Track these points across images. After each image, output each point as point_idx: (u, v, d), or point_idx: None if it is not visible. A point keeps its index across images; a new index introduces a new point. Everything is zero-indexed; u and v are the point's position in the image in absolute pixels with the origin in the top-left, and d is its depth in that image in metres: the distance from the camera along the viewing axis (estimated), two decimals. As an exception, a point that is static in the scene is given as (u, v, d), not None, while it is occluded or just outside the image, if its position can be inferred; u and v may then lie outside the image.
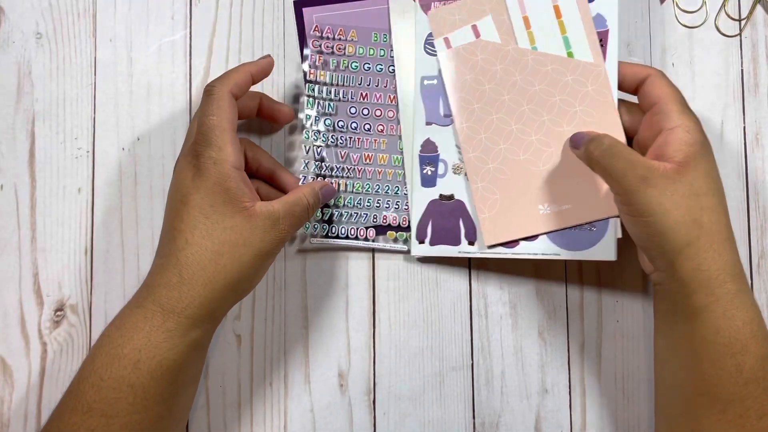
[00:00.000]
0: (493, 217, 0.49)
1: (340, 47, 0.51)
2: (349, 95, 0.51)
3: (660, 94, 0.44)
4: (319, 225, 0.50)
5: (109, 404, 0.39)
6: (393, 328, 0.51)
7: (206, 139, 0.41)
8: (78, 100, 0.51)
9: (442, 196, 0.50)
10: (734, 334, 0.40)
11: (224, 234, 0.40)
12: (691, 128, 0.42)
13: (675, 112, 0.42)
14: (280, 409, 0.50)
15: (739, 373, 0.39)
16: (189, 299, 0.40)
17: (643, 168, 0.40)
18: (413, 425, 0.50)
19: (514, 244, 0.49)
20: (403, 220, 0.50)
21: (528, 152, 0.48)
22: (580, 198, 0.47)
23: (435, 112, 0.50)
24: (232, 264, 0.40)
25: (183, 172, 0.41)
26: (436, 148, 0.50)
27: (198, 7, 0.52)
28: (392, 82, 0.51)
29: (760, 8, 0.53)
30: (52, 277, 0.50)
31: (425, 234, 0.50)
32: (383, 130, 0.51)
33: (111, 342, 0.40)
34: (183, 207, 0.40)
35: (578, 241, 0.48)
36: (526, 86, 0.48)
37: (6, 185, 0.50)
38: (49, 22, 0.51)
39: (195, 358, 0.42)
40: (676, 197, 0.40)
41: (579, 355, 0.51)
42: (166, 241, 0.41)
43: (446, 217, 0.50)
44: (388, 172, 0.51)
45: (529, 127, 0.48)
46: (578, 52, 0.48)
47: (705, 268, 0.40)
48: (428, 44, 0.50)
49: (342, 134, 0.51)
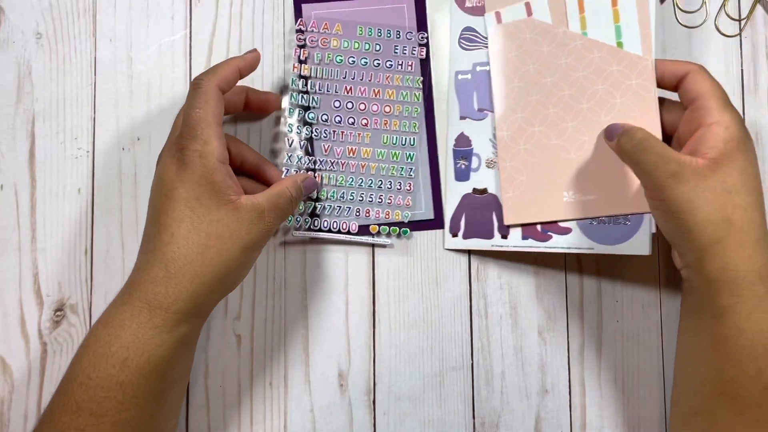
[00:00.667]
0: (516, 198, 0.48)
1: (325, 41, 0.51)
2: (333, 89, 0.51)
3: (700, 89, 0.43)
4: (302, 218, 0.50)
5: (98, 403, 0.38)
6: (393, 328, 0.51)
7: (192, 132, 0.40)
8: (78, 100, 0.51)
9: (476, 190, 0.50)
10: (757, 337, 0.39)
11: (211, 227, 0.40)
12: (730, 125, 0.41)
13: (715, 108, 0.42)
14: (280, 409, 0.50)
15: (759, 377, 0.39)
16: (176, 294, 0.39)
17: (675, 163, 0.40)
18: (413, 425, 0.50)
19: (546, 238, 0.48)
20: (386, 213, 0.50)
21: (561, 138, 0.47)
22: (607, 190, 0.46)
23: (469, 106, 0.50)
24: (219, 257, 0.40)
25: (167, 165, 0.41)
26: (470, 142, 0.50)
27: (198, 7, 0.52)
28: (377, 76, 0.51)
29: (760, 8, 0.53)
30: (52, 277, 0.50)
31: (458, 227, 0.50)
32: (367, 124, 0.51)
33: (98, 340, 0.39)
34: (168, 201, 0.40)
35: (612, 235, 0.47)
36: (569, 71, 0.47)
37: (6, 185, 0.50)
38: (49, 22, 0.51)
39: (183, 354, 0.42)
40: (707, 194, 0.39)
41: (579, 355, 0.51)
42: (151, 236, 0.41)
43: (479, 210, 0.50)
44: (372, 165, 0.51)
45: (567, 113, 0.47)
46: (628, 44, 0.46)
47: (733, 268, 0.39)
48: (463, 39, 0.50)
49: (326, 128, 0.51)
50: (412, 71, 0.51)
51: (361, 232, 0.51)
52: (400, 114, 0.51)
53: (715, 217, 0.39)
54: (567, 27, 0.47)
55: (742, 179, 0.40)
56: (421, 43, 0.51)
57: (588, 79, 0.47)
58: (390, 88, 0.51)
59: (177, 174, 0.40)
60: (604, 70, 0.46)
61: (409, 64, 0.51)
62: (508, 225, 0.49)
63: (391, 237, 0.51)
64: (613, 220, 0.47)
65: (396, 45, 0.51)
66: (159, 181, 0.41)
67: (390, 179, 0.51)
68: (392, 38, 0.51)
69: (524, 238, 0.49)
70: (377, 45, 0.51)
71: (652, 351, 0.51)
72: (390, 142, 0.51)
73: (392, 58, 0.51)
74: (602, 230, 0.47)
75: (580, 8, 0.47)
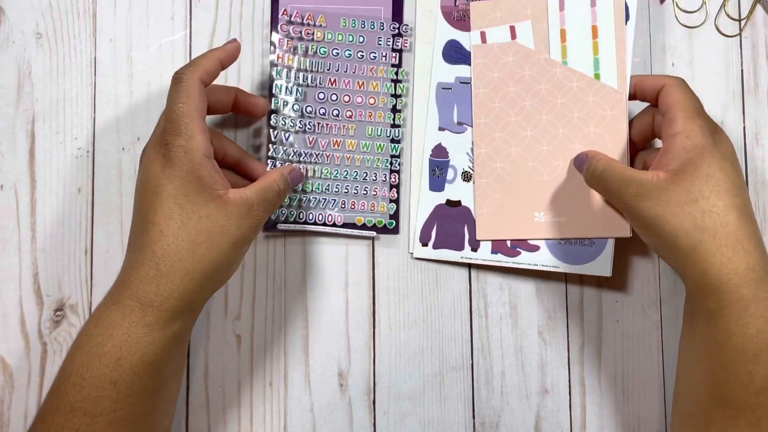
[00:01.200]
0: (490, 214, 0.50)
1: (309, 32, 0.51)
2: (317, 81, 0.51)
3: (670, 101, 0.43)
4: (287, 210, 0.50)
5: (92, 403, 0.38)
6: (393, 328, 0.51)
7: (176, 127, 0.40)
8: (78, 100, 0.51)
9: (450, 201, 0.51)
10: (747, 341, 0.39)
11: (200, 223, 0.39)
12: (692, 133, 0.41)
13: (680, 118, 0.42)
14: (280, 409, 0.50)
15: (751, 381, 0.39)
16: (168, 292, 0.39)
17: (636, 184, 0.41)
18: (413, 425, 0.50)
19: (515, 253, 0.50)
20: (372, 206, 0.51)
21: (537, 160, 0.49)
22: (575, 214, 0.49)
23: (449, 118, 0.51)
24: (209, 253, 0.40)
25: (152, 162, 0.40)
26: (447, 153, 0.51)
27: (198, 7, 0.52)
28: (361, 68, 0.51)
29: (760, 8, 0.53)
30: (52, 277, 0.50)
31: (429, 237, 0.51)
32: (352, 116, 0.51)
33: (90, 340, 0.39)
34: (155, 198, 0.40)
35: (577, 255, 0.49)
36: (549, 97, 0.49)
37: (6, 185, 0.50)
38: (49, 22, 0.51)
39: (176, 351, 0.42)
40: (672, 206, 0.40)
41: (579, 355, 0.51)
42: (139, 234, 0.40)
43: (451, 222, 0.51)
44: (357, 158, 0.51)
45: (543, 137, 0.49)
46: (605, 76, 0.49)
47: (714, 272, 0.39)
48: (447, 51, 0.51)
49: (310, 120, 0.51)
50: (397, 63, 0.51)
51: (346, 224, 0.51)
52: (385, 106, 0.51)
53: (686, 226, 0.40)
54: (549, 54, 0.49)
55: (709, 185, 0.40)
56: (404, 34, 0.51)
57: (565, 107, 0.49)
58: (374, 79, 0.51)
59: (163, 171, 0.40)
60: (581, 100, 0.49)
61: (393, 56, 0.51)
62: (480, 239, 0.50)
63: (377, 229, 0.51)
64: (579, 242, 0.49)
65: (380, 37, 0.51)
66: (144, 179, 0.41)
67: (375, 171, 0.51)
68: (375, 29, 0.51)
69: (494, 252, 0.50)
70: (361, 36, 0.51)
71: (652, 351, 0.51)
72: (375, 134, 0.51)
73: (375, 50, 0.51)
74: (568, 250, 0.49)
75: (562, 38, 0.49)
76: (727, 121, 0.52)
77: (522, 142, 0.50)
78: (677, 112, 0.42)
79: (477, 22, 0.51)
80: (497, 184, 0.50)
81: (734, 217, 0.40)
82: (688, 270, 0.41)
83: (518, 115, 0.50)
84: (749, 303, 0.39)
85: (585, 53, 0.49)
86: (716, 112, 0.52)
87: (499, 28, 0.50)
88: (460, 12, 0.51)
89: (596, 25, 0.49)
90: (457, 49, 0.51)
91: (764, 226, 0.52)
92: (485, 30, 0.50)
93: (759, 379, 0.39)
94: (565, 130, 0.49)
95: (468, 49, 0.51)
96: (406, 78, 0.51)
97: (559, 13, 0.49)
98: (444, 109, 0.51)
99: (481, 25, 0.51)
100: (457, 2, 0.51)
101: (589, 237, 0.49)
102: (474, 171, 0.50)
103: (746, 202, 0.41)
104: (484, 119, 0.50)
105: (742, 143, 0.52)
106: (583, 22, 0.49)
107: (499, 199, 0.50)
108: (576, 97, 0.49)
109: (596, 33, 0.49)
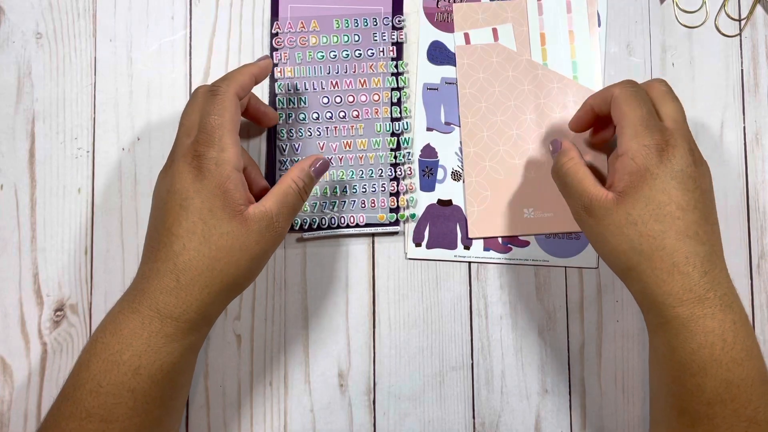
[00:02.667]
0: (481, 212, 0.51)
1: (303, 39, 0.51)
2: (319, 86, 0.51)
3: (617, 117, 0.42)
4: (309, 218, 0.50)
5: (108, 410, 0.39)
6: (393, 328, 0.51)
7: (209, 139, 0.40)
8: (78, 100, 0.51)
9: (441, 201, 0.51)
10: (689, 355, 0.39)
11: (221, 240, 0.40)
12: (636, 154, 0.40)
13: (626, 136, 0.41)
14: (280, 409, 0.50)
15: (701, 392, 0.39)
16: (186, 304, 0.39)
17: (587, 198, 0.41)
18: (413, 425, 0.50)
19: (507, 249, 0.51)
20: (392, 201, 0.51)
21: (523, 158, 0.51)
22: (562, 209, 0.50)
23: (436, 119, 0.52)
24: (228, 268, 0.40)
25: (182, 173, 0.40)
26: (435, 153, 0.52)
27: (198, 7, 0.52)
28: (360, 66, 0.51)
29: (760, 8, 0.53)
30: (52, 277, 0.50)
31: (422, 237, 0.51)
32: (358, 116, 0.51)
33: (107, 348, 0.39)
34: (183, 211, 0.40)
35: (565, 249, 0.51)
36: (531, 97, 0.51)
37: (6, 185, 0.50)
38: (49, 22, 0.51)
39: (191, 360, 0.42)
40: (612, 228, 0.40)
41: (579, 355, 0.51)
42: (161, 245, 0.40)
43: (444, 221, 0.51)
44: (370, 156, 0.51)
45: (528, 135, 0.51)
46: (583, 78, 0.52)
47: (650, 292, 0.40)
48: (431, 53, 0.52)
49: (318, 125, 0.51)
50: (395, 56, 0.51)
51: (369, 224, 0.51)
52: (389, 100, 0.51)
53: (623, 248, 0.40)
54: (530, 56, 0.52)
55: (649, 209, 0.39)
56: (397, 26, 0.51)
57: (547, 106, 0.51)
58: (375, 76, 0.51)
59: (193, 183, 0.40)
60: (562, 100, 0.51)
61: (391, 49, 0.51)
62: (472, 237, 0.51)
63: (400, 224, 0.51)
64: (566, 235, 0.51)
65: (374, 32, 0.51)
66: (173, 190, 0.40)
67: (389, 166, 0.51)
68: (369, 26, 0.51)
69: (486, 250, 0.51)
70: (356, 35, 0.51)
71: (652, 351, 0.51)
72: (383, 130, 0.51)
73: (372, 46, 0.51)
74: (556, 244, 0.51)
75: (542, 41, 0.52)
76: (726, 121, 0.52)
77: (509, 140, 0.51)
78: (623, 128, 0.41)
79: (460, 23, 0.52)
80: (486, 182, 0.51)
81: (671, 240, 0.39)
82: (629, 285, 0.42)
83: (504, 115, 0.51)
84: (687, 321, 0.39)
85: (563, 56, 0.52)
86: (716, 112, 0.52)
87: (482, 29, 0.52)
88: (443, 13, 0.52)
89: (572, 30, 0.51)
90: (441, 50, 0.52)
91: (764, 225, 0.52)
92: (468, 32, 0.52)
93: (709, 391, 0.39)
94: (548, 129, 0.51)
95: (452, 50, 0.52)
96: (406, 69, 0.52)
97: (538, 17, 0.52)
98: (431, 109, 0.52)
99: (465, 26, 0.52)
100: (438, 3, 0.52)
101: (576, 231, 0.51)
102: (463, 170, 0.51)
103: (689, 223, 0.39)
104: (472, 119, 0.51)
105: (741, 143, 0.52)
106: (561, 27, 0.52)
107: (489, 197, 0.51)
108: (557, 98, 0.51)
109: (573, 37, 0.52)
